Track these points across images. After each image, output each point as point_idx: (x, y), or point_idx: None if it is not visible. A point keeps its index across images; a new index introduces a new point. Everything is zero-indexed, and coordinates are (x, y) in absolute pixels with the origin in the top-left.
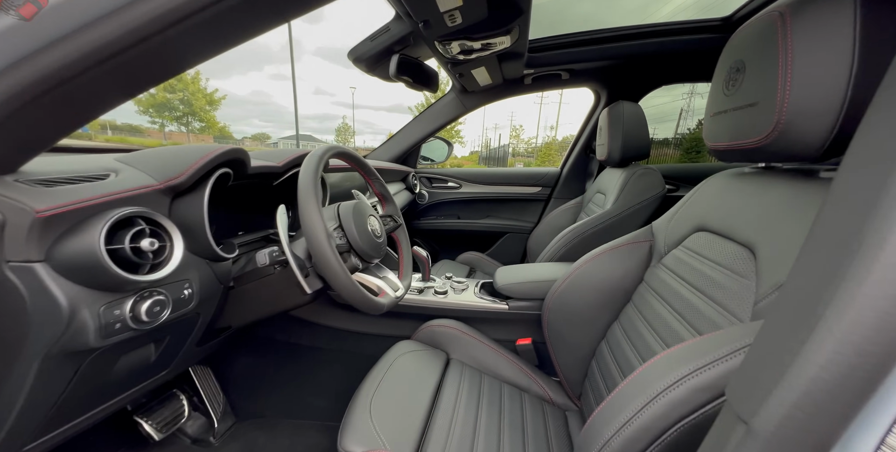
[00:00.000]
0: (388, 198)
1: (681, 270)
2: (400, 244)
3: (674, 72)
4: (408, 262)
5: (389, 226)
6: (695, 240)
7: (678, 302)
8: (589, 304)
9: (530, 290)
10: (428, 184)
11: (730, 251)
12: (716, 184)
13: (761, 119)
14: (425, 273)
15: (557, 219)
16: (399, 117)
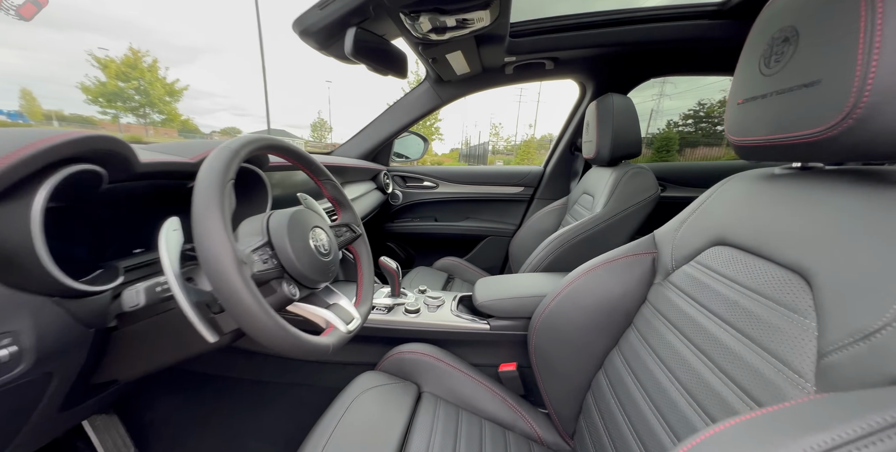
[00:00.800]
0: (345, 202)
1: (698, 293)
2: (360, 260)
3: (664, 62)
4: (368, 284)
5: (346, 237)
6: (713, 256)
7: (699, 336)
8: (583, 326)
9: (515, 308)
10: (402, 184)
11: (770, 275)
12: (738, 188)
13: (825, 102)
14: (395, 287)
15: (541, 222)
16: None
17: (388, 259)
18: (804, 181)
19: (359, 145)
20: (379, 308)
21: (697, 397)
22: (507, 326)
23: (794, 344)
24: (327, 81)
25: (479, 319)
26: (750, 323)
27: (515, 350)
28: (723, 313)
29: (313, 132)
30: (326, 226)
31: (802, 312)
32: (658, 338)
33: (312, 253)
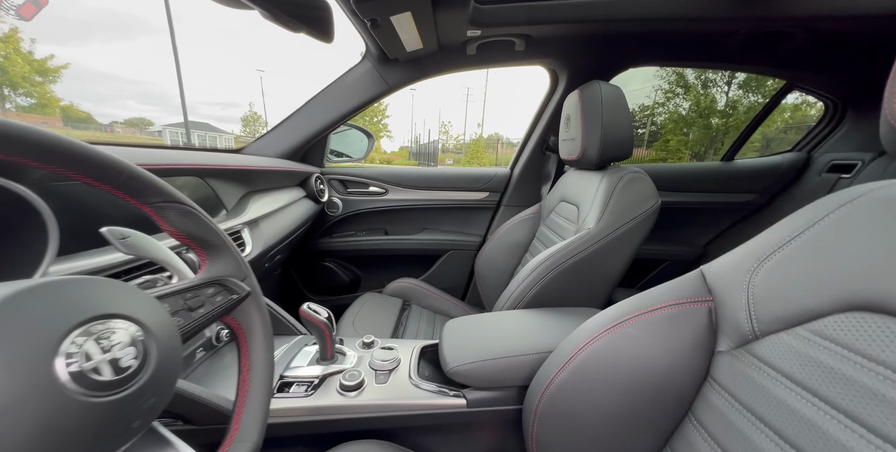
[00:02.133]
0: (213, 241)
1: (824, 387)
2: (245, 340)
3: (647, 47)
4: (259, 389)
5: (214, 307)
6: (847, 327)
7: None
8: (610, 414)
9: (501, 374)
10: (342, 190)
11: None
12: (883, 214)
13: None
14: (326, 349)
15: (512, 234)
16: None
17: (313, 307)
18: None
19: (279, 141)
20: (301, 382)
21: None
22: (491, 400)
23: None
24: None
25: (451, 389)
26: None
27: (505, 433)
28: (876, 424)
29: (245, 127)
30: (134, 307)
31: None
32: (745, 444)
33: (61, 391)
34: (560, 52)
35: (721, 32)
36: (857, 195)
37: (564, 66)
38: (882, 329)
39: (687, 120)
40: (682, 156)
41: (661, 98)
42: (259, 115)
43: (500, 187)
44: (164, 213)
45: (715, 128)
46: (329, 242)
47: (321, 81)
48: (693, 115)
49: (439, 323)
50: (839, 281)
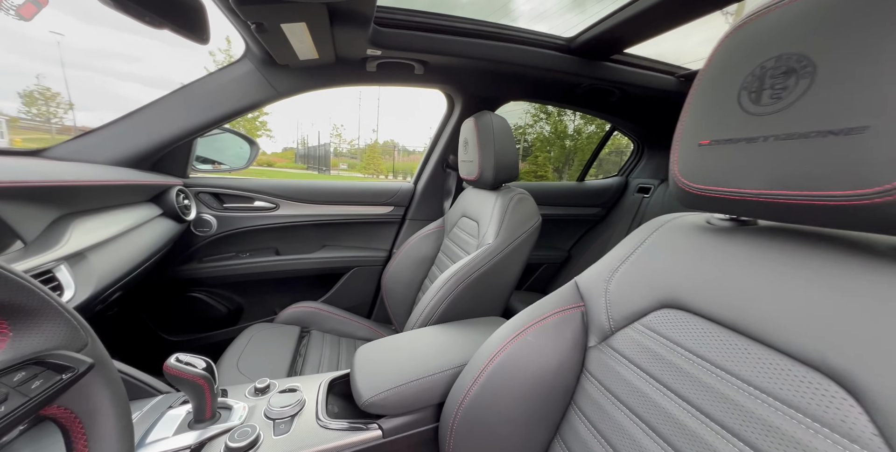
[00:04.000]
0: (25, 304)
1: (658, 370)
2: (84, 432)
3: (524, 86)
4: None
5: (27, 398)
6: (664, 321)
7: (672, 430)
8: (516, 420)
9: (417, 396)
10: (215, 205)
11: (767, 365)
12: (675, 239)
13: (874, 157)
14: (206, 407)
15: (418, 249)
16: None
17: (184, 359)
18: (758, 237)
19: (116, 142)
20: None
21: None
22: (407, 424)
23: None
24: (55, 34)
25: (365, 423)
26: (753, 428)
27: (418, 450)
28: (694, 397)
29: (29, 107)
30: None
31: (860, 441)
32: (613, 425)
33: None
34: (455, 80)
35: (571, 83)
36: (661, 223)
37: (459, 92)
38: (679, 320)
39: (549, 140)
40: (547, 169)
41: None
42: (57, 93)
43: (405, 201)
44: None
45: (568, 148)
46: (197, 269)
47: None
48: (552, 137)
49: (344, 346)
50: (654, 286)
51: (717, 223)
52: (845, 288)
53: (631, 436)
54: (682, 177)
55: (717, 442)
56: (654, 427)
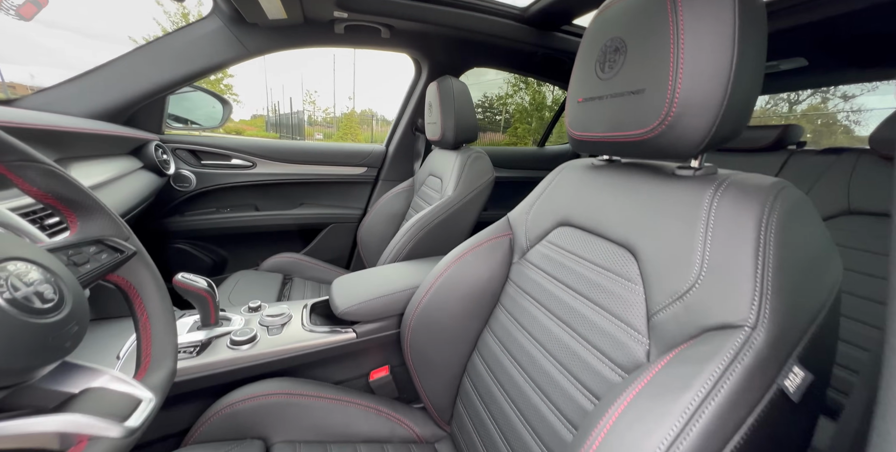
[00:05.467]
0: (83, 202)
1: (553, 269)
2: (139, 297)
3: (486, 53)
4: (162, 333)
5: (99, 264)
6: (560, 236)
7: (561, 309)
8: (456, 315)
9: (384, 308)
10: (192, 161)
11: (606, 250)
12: (571, 176)
13: (649, 109)
14: (210, 314)
15: (390, 206)
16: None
17: (189, 276)
18: (616, 171)
19: (88, 96)
20: (185, 349)
21: (569, 366)
22: (376, 329)
23: (631, 306)
24: None
25: (342, 328)
26: (597, 292)
27: (386, 351)
28: (575, 285)
29: None
30: (37, 255)
31: (633, 280)
32: (524, 313)
33: (10, 319)
34: (421, 45)
35: (527, 52)
36: (564, 166)
37: (425, 57)
38: (571, 235)
39: (528, 111)
40: (527, 141)
41: (511, 90)
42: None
43: (377, 163)
44: (23, 173)
45: (547, 119)
46: (180, 221)
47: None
48: (531, 109)
49: (324, 291)
50: (556, 212)
51: (597, 163)
52: (645, 195)
53: (536, 319)
54: (571, 128)
55: (569, 299)
56: (550, 310)
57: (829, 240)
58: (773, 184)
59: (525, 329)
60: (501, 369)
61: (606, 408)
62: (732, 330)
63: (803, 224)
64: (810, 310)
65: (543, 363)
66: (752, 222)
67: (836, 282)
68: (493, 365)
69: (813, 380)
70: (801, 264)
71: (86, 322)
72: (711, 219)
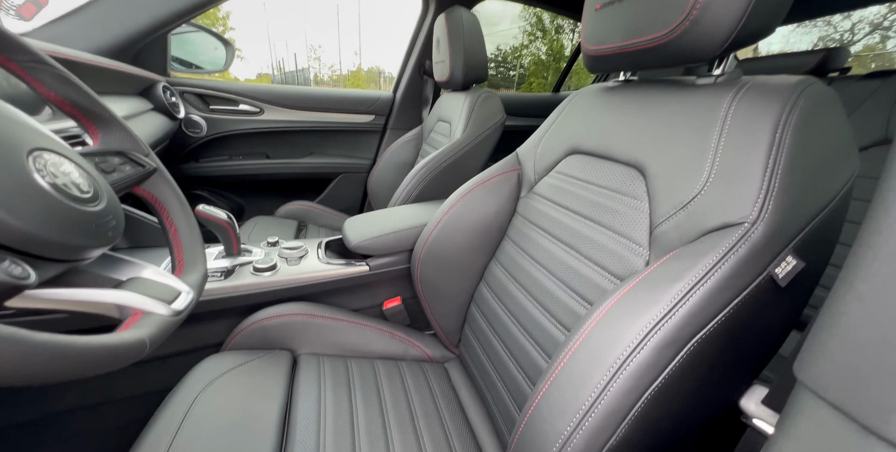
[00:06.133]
0: (101, 113)
1: (559, 198)
2: (166, 208)
3: None
4: (190, 239)
5: (124, 175)
6: (569, 165)
7: (565, 234)
8: (464, 248)
9: (394, 243)
10: (201, 106)
11: (614, 172)
12: (583, 102)
13: (672, 6)
14: (232, 244)
15: (399, 155)
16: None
17: (209, 207)
18: (631, 91)
19: (90, 31)
20: (213, 273)
21: (568, 281)
22: (387, 263)
23: (633, 222)
24: None
25: (356, 261)
26: (601, 213)
27: (398, 284)
28: (580, 210)
29: None
30: (68, 151)
31: (639, 197)
32: (530, 242)
33: (47, 194)
34: None
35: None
36: (577, 93)
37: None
38: (580, 162)
39: (545, 64)
40: None
41: (526, 40)
42: None
43: (385, 110)
44: (37, 75)
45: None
46: (196, 168)
47: None
48: (549, 59)
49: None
50: (565, 141)
51: (611, 85)
52: (659, 111)
53: (540, 245)
54: (586, 43)
55: (573, 223)
56: (555, 235)
57: (849, 137)
58: (798, 81)
59: (530, 255)
60: (506, 293)
61: (598, 307)
62: (732, 227)
63: (824, 121)
64: (815, 206)
65: (545, 282)
66: (769, 123)
67: (848, 179)
68: (498, 291)
69: (804, 268)
70: (814, 163)
71: (122, 219)
72: (727, 125)
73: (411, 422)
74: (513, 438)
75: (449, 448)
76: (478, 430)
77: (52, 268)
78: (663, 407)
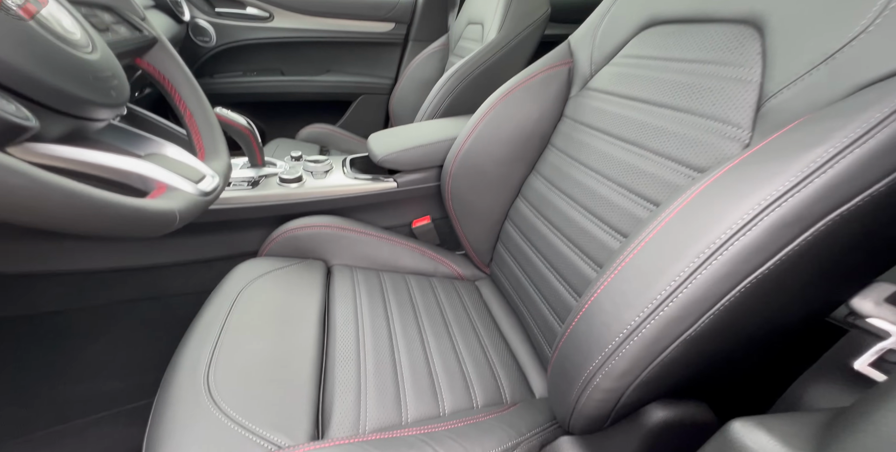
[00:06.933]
0: None
1: (624, 88)
2: (173, 87)
3: None
4: (208, 126)
5: (122, 38)
6: (641, 43)
7: (628, 130)
8: (500, 159)
9: (422, 157)
10: (206, 9)
11: (712, 37)
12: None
13: None
14: (255, 154)
15: (422, 70)
16: None
17: (227, 110)
18: None
19: None
20: (237, 183)
21: (629, 183)
22: (416, 180)
23: (733, 99)
24: None
25: (383, 177)
26: (684, 95)
27: (427, 203)
28: (652, 97)
29: None
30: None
31: (747, 63)
32: (581, 148)
33: (28, 27)
34: None
35: None
36: None
37: None
38: (658, 35)
39: None
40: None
41: None
42: None
43: (406, 17)
44: None
45: None
46: (211, 84)
47: None
48: None
49: None
50: (637, 14)
51: None
52: None
53: (594, 148)
54: None
55: (639, 116)
56: (613, 134)
57: None
58: None
59: (580, 162)
60: (548, 205)
61: (681, 194)
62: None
63: None
64: None
65: (598, 188)
66: None
67: None
68: (539, 204)
69: None
70: None
71: (124, 81)
72: None
73: (445, 328)
74: (564, 330)
75: (483, 352)
76: (510, 339)
77: (58, 122)
78: (759, 300)
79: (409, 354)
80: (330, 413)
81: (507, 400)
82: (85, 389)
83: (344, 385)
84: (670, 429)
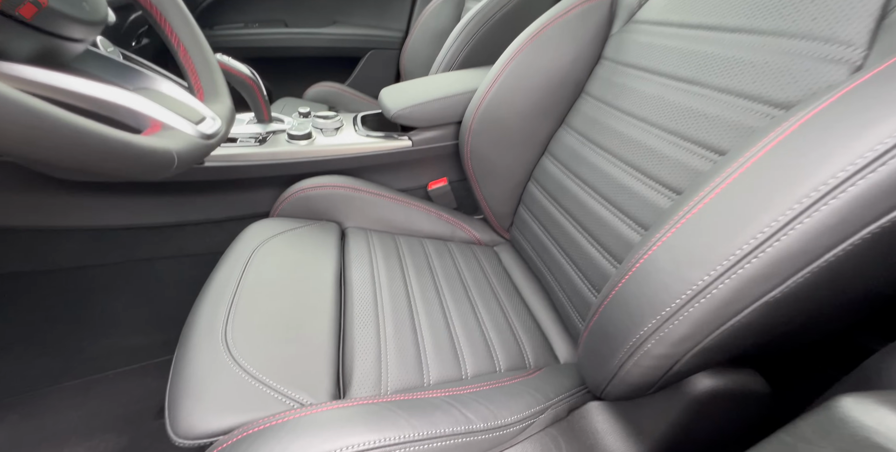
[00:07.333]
0: None
1: (681, 15)
2: (166, 20)
3: None
4: (204, 59)
5: None
6: None
7: (687, 67)
8: (526, 112)
9: (440, 112)
10: None
11: None
12: None
13: None
14: (261, 109)
15: (436, 19)
16: None
17: (228, 58)
18: None
19: None
20: (243, 139)
21: (686, 131)
22: (432, 138)
23: (845, 12)
24: None
25: (397, 135)
26: (770, 12)
27: (444, 164)
28: (723, 22)
29: None
30: None
31: None
32: (623, 93)
33: None
34: None
35: None
36: None
37: None
38: None
39: None
40: None
41: None
42: None
43: None
44: None
45: None
46: (211, 36)
47: None
48: None
49: None
50: None
51: None
52: None
53: (644, 94)
54: None
55: (701, 47)
56: (672, 75)
57: None
58: None
59: (622, 110)
60: (580, 161)
61: (776, 126)
62: None
63: None
64: None
65: (646, 139)
66: None
67: None
68: (569, 161)
69: None
70: None
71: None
72: None
73: (464, 292)
74: (608, 293)
75: (504, 316)
76: (532, 305)
77: (24, 35)
78: (879, 253)
79: (428, 317)
80: (351, 374)
81: (530, 365)
82: (112, 343)
83: (364, 346)
84: (716, 399)
